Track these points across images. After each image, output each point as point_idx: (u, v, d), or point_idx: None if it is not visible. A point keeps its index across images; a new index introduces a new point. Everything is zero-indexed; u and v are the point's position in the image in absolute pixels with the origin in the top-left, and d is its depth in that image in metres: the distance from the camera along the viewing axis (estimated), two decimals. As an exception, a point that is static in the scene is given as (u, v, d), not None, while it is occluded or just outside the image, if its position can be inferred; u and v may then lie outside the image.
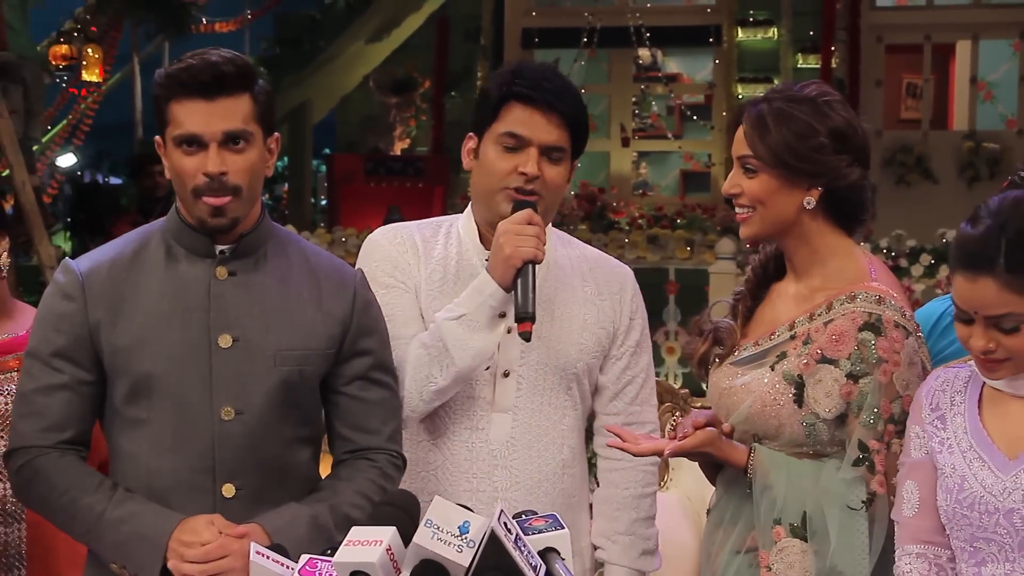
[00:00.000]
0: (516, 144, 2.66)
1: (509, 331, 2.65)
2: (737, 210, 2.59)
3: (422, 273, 2.75)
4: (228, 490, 2.43)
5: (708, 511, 2.71)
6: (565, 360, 2.75)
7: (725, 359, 2.63)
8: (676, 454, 2.52)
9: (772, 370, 2.51)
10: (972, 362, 2.29)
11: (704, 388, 2.77)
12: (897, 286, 2.56)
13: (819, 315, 2.52)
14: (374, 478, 2.53)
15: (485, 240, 2.75)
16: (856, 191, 2.54)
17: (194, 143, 2.40)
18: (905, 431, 2.41)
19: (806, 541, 2.45)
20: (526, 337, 2.57)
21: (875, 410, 2.44)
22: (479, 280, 2.63)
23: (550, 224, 2.79)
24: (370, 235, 2.85)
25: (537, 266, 2.65)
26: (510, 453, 2.74)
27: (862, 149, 2.54)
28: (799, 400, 2.48)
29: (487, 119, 2.70)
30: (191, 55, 2.44)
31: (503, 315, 2.62)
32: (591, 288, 2.81)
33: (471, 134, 2.75)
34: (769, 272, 2.68)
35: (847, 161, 2.51)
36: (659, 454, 2.55)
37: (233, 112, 2.41)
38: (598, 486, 2.87)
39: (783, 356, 2.52)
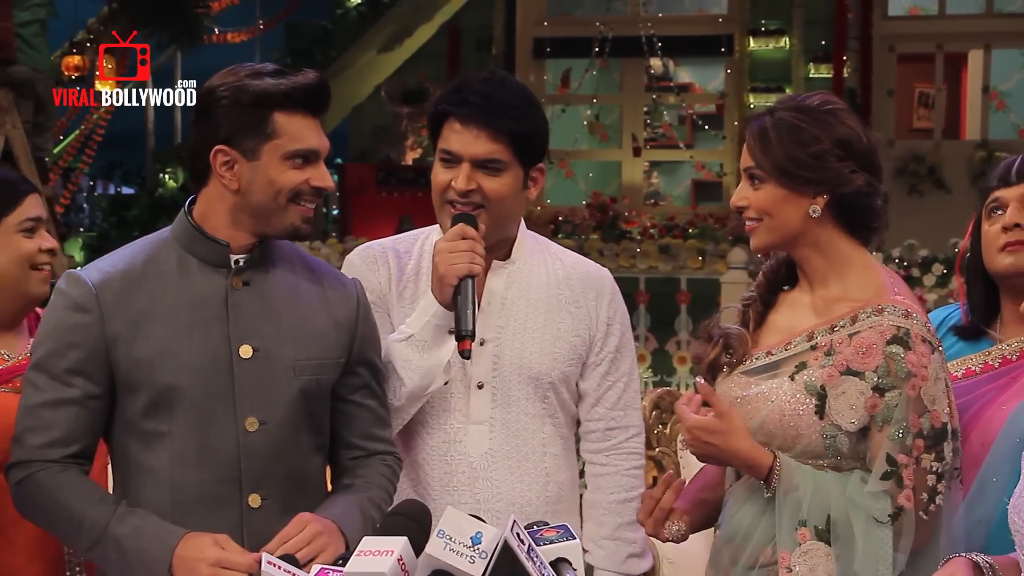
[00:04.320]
0: (451, 159, 2.68)
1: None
2: (746, 222, 2.59)
3: (393, 291, 2.77)
4: (254, 500, 2.43)
5: (716, 528, 2.69)
6: (539, 370, 2.76)
7: (735, 367, 2.62)
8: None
9: (792, 380, 2.50)
10: None
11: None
12: (915, 299, 2.56)
13: (842, 327, 2.50)
14: (389, 476, 2.59)
15: None
16: (863, 197, 2.53)
17: (309, 158, 2.44)
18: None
19: (830, 545, 2.44)
20: (465, 355, 2.57)
21: (903, 424, 2.43)
22: (425, 299, 2.66)
23: (525, 229, 2.83)
24: (348, 255, 2.88)
25: (508, 273, 2.72)
26: (490, 465, 2.76)
27: (866, 156, 2.52)
28: (820, 411, 2.47)
29: (434, 135, 2.74)
30: (285, 69, 2.46)
31: (452, 331, 2.62)
32: (566, 295, 2.81)
33: None
34: (780, 277, 2.68)
35: (850, 168, 2.50)
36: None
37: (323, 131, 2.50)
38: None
39: (803, 366, 2.50)
